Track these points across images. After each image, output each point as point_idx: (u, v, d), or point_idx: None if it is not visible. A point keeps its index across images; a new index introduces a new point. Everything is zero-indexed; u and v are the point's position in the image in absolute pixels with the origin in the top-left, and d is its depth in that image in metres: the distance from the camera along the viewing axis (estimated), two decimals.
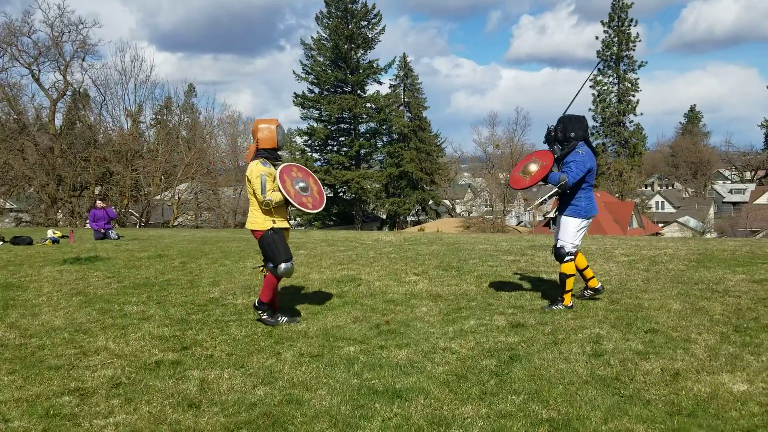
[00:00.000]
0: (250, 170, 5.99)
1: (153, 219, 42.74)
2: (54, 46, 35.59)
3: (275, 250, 6.04)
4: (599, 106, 63.90)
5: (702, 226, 64.40)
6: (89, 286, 8.42)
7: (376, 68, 56.51)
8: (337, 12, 55.79)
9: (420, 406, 4.09)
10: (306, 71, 56.14)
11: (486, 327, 5.91)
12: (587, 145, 6.37)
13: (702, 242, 11.64)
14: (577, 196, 6.34)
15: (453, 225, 53.44)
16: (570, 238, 6.37)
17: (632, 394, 4.17)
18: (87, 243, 13.72)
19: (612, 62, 64.07)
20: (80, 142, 35.85)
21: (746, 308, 6.25)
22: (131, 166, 36.64)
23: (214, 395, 4.38)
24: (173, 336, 5.88)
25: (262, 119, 6.26)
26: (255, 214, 6.10)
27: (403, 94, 61.94)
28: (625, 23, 62.90)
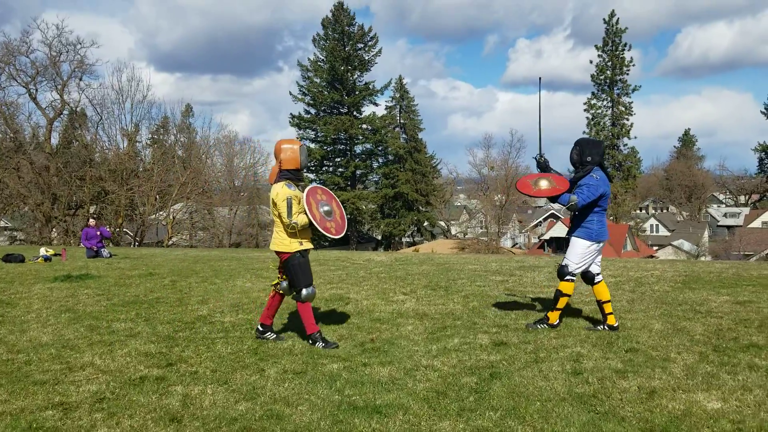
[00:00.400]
0: (276, 193, 5.94)
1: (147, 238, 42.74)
2: (51, 66, 35.84)
3: (299, 274, 6.04)
4: (593, 130, 64.29)
5: (696, 249, 64.55)
6: (79, 303, 8.46)
7: (372, 90, 56.98)
8: (334, 34, 56.37)
9: (399, 422, 4.15)
10: (303, 92, 56.58)
11: (469, 345, 5.97)
12: (602, 170, 6.45)
13: (689, 264, 11.74)
14: (589, 219, 6.40)
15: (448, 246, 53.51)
16: (576, 258, 6.41)
17: (608, 411, 4.24)
18: (79, 261, 13.77)
19: (606, 86, 64.63)
20: (76, 161, 35.98)
21: (727, 329, 6.33)
22: (126, 186, 36.75)
23: (197, 410, 4.43)
24: (159, 352, 5.92)
25: (285, 140, 6.25)
26: (281, 236, 6.05)
27: (398, 116, 62.31)
28: (619, 48, 63.54)
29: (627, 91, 64.32)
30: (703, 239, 71.67)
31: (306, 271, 6.08)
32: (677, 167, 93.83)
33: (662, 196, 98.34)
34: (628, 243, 53.90)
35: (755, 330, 6.24)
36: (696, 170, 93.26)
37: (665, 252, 64.59)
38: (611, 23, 63.92)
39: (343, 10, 56.69)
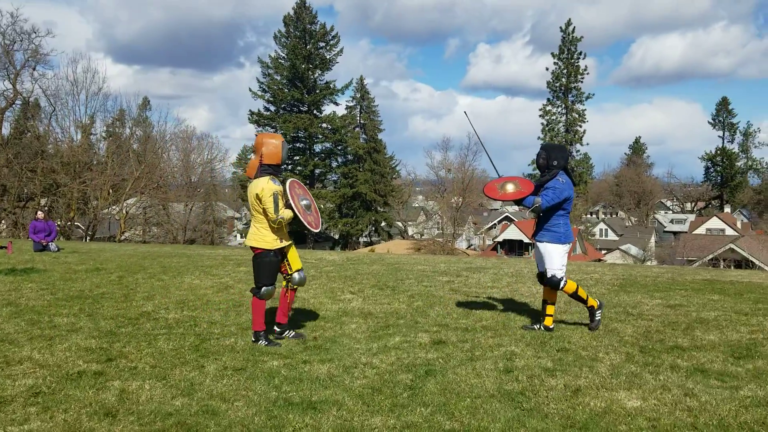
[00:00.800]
0: (261, 188, 5.87)
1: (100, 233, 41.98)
2: (4, 55, 34.95)
3: (265, 272, 6.07)
4: (548, 135, 65.42)
5: (643, 254, 66.22)
6: (21, 297, 8.36)
7: (333, 89, 56.98)
8: (295, 32, 56.19)
9: (332, 417, 4.26)
10: (263, 89, 56.27)
11: (409, 344, 6.12)
12: (567, 174, 6.64)
13: (628, 268, 12.14)
14: (555, 222, 6.58)
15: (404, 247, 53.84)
16: (557, 264, 6.56)
17: (533, 407, 4.43)
18: (25, 254, 13.52)
19: (561, 93, 65.88)
20: (27, 152, 35.14)
21: (655, 330, 6.62)
22: (79, 179, 36.04)
23: (132, 405, 4.47)
24: (100, 348, 5.92)
25: (267, 134, 6.20)
26: (263, 233, 6.02)
27: (359, 116, 62.42)
28: (574, 56, 64.81)
29: (581, 99, 65.66)
30: (649, 244, 73.49)
31: (272, 271, 6.12)
32: (627, 174, 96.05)
33: (612, 201, 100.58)
34: (577, 246, 55.01)
35: (681, 332, 6.54)
36: (645, 177, 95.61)
37: (613, 256, 66.08)
38: (567, 32, 65.15)
39: (305, 8, 56.55)
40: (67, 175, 35.33)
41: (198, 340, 6.26)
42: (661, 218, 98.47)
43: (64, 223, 37.61)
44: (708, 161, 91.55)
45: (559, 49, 65.86)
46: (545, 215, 6.66)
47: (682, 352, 5.82)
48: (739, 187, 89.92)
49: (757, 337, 6.37)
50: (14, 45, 34.60)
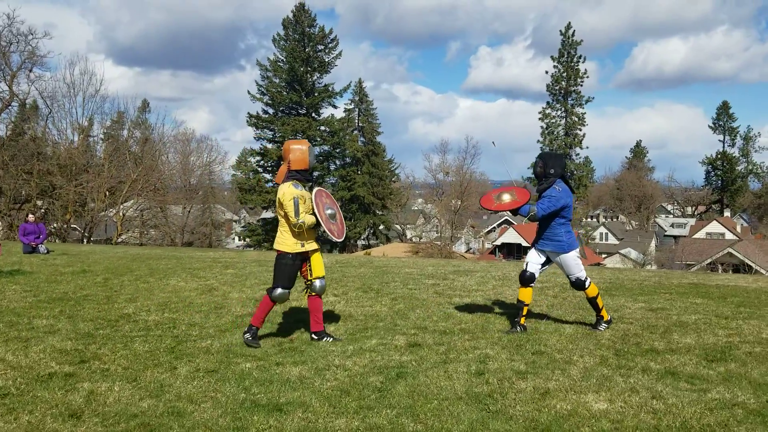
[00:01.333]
0: (282, 192, 6.04)
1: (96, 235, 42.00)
2: (0, 56, 34.98)
3: (282, 274, 6.16)
4: (547, 139, 65.40)
5: (642, 258, 66.18)
6: (3, 299, 8.36)
7: (332, 92, 56.93)
8: (294, 35, 56.18)
9: (297, 419, 4.26)
10: (261, 92, 56.20)
11: (385, 346, 6.12)
12: (565, 182, 6.65)
13: (617, 272, 12.13)
14: (556, 231, 6.59)
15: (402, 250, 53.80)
16: (577, 268, 6.62)
17: (499, 409, 4.42)
18: (14, 256, 13.53)
19: (561, 96, 65.87)
20: (23, 154, 35.16)
21: (633, 334, 6.61)
22: (75, 181, 36.07)
23: (99, 406, 4.47)
24: (75, 350, 5.92)
25: (294, 140, 6.35)
26: (285, 236, 6.16)
27: (357, 119, 62.44)
28: (574, 59, 64.79)
29: (580, 102, 65.57)
30: (650, 248, 73.46)
31: (288, 274, 6.20)
32: (628, 177, 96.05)
33: (613, 205, 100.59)
34: None
35: (659, 336, 6.53)
36: (646, 181, 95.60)
37: (613, 260, 66.03)
38: (567, 35, 65.20)
39: (304, 11, 56.56)
40: (63, 177, 35.34)
41: (174, 342, 6.27)
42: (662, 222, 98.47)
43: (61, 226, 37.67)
44: (708, 165, 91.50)
45: (558, 52, 65.86)
46: (544, 223, 6.68)
47: (656, 355, 5.82)
48: (739, 192, 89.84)
49: (734, 340, 6.36)
50: (11, 46, 34.60)
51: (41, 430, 4.06)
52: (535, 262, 6.82)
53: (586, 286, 6.68)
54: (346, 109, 61.55)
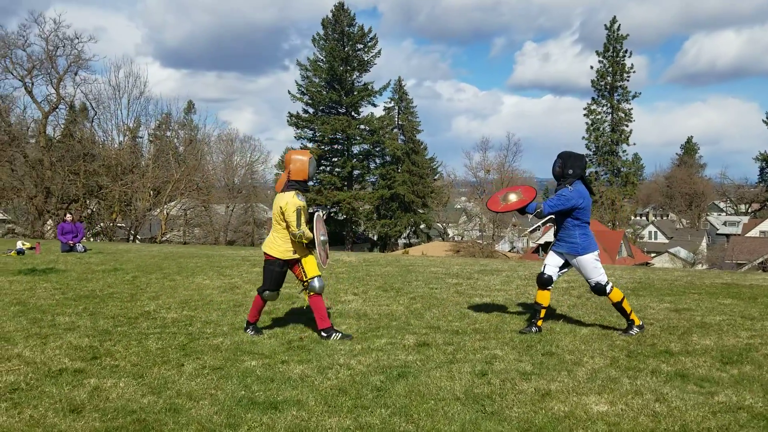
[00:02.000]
0: (286, 202, 6.17)
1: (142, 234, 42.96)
2: (48, 60, 36.10)
3: (270, 279, 6.44)
4: (593, 135, 64.43)
5: (692, 257, 64.52)
6: (33, 296, 8.61)
7: (371, 91, 57.15)
8: (333, 34, 56.57)
9: (290, 417, 4.28)
10: (301, 91, 56.78)
11: (393, 345, 6.10)
12: (584, 183, 6.50)
13: (648, 272, 11.84)
14: (570, 233, 6.45)
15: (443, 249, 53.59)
16: (596, 272, 6.45)
17: (495, 411, 4.36)
18: (52, 255, 13.94)
19: (606, 92, 64.72)
20: (70, 155, 36.20)
21: (650, 335, 6.44)
22: (120, 181, 36.99)
23: (101, 402, 4.56)
24: (90, 346, 6.06)
25: (296, 150, 6.55)
26: (278, 242, 6.34)
27: (397, 117, 62.47)
28: (620, 54, 63.62)
29: (627, 98, 64.37)
30: (700, 247, 71.59)
31: (276, 280, 6.48)
32: (678, 175, 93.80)
33: (663, 203, 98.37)
34: (623, 249, 53.93)
35: (677, 337, 6.35)
36: (697, 178, 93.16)
37: (661, 259, 64.53)
38: (612, 29, 64.03)
39: (343, 11, 56.88)
40: (108, 178, 36.28)
41: (187, 339, 6.36)
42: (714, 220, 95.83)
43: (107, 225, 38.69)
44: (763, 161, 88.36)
45: (604, 47, 64.75)
46: (560, 225, 6.55)
47: (669, 357, 5.66)
48: None
49: (755, 342, 6.15)
50: (57, 50, 35.68)
51: (41, 424, 4.16)
52: (553, 265, 6.69)
53: (608, 291, 6.46)
54: (385, 107, 61.71)
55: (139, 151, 44.54)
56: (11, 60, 35.43)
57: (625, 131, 64.44)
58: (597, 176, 64.22)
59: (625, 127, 64.53)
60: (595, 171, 64.18)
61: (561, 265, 6.67)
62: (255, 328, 6.57)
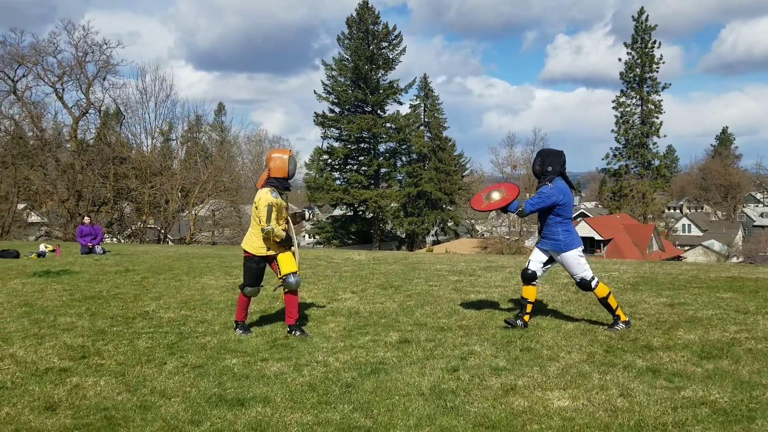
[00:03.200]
0: (259, 197, 6.40)
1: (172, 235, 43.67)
2: (77, 66, 36.95)
3: (249, 275, 6.62)
4: (622, 128, 63.49)
5: (727, 249, 63.24)
6: (41, 298, 8.88)
7: (396, 88, 57.15)
8: (358, 33, 56.71)
9: (254, 413, 4.39)
10: (327, 91, 57.05)
11: (375, 343, 6.18)
12: (564, 179, 6.54)
13: (655, 266, 11.71)
14: (553, 230, 6.48)
15: (470, 245, 53.45)
16: (580, 267, 6.47)
17: (455, 406, 4.41)
18: (71, 257, 14.31)
19: (635, 84, 63.73)
20: (100, 158, 37.00)
21: (636, 330, 6.41)
22: (150, 183, 37.68)
23: (77, 400, 4.73)
24: (81, 346, 6.25)
25: (276, 149, 6.75)
26: (253, 238, 6.56)
27: (423, 114, 62.40)
28: (648, 45, 62.59)
29: (657, 89, 63.26)
30: (735, 239, 70.15)
31: (254, 275, 6.63)
32: (713, 166, 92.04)
33: (697, 195, 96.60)
34: (654, 243, 53.11)
35: (662, 332, 6.31)
36: (732, 169, 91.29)
37: (695, 252, 63.43)
38: (640, 20, 63.03)
39: (367, 9, 56.97)
40: (137, 180, 36.99)
41: (178, 338, 6.52)
42: (750, 212, 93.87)
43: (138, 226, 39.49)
44: None
45: (632, 38, 63.80)
46: (543, 222, 6.57)
47: (648, 351, 5.64)
48: None
49: (741, 336, 6.08)
50: (86, 57, 36.48)
51: (15, 421, 4.34)
52: (537, 260, 6.71)
53: (593, 287, 6.46)
54: (411, 105, 61.61)
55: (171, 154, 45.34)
56: (42, 67, 36.45)
57: (656, 123, 63.38)
58: (627, 169, 63.34)
59: (655, 119, 63.46)
60: (625, 164, 63.31)
61: (545, 261, 6.68)
62: (243, 326, 6.71)
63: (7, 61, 35.68)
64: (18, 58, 35.70)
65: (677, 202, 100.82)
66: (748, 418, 4.07)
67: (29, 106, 36.48)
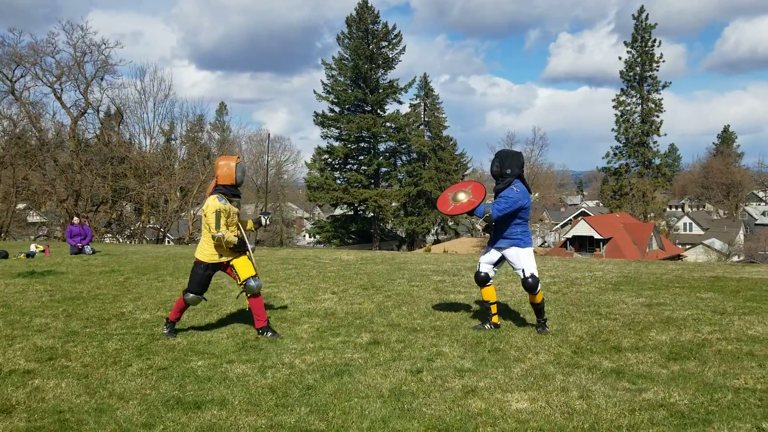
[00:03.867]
0: (207, 205, 6.37)
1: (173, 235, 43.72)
2: (76, 66, 36.98)
3: (195, 281, 6.54)
4: (622, 127, 63.34)
5: (728, 248, 63.04)
6: (21, 299, 8.85)
7: (396, 88, 57.15)
8: (357, 32, 56.69)
9: (209, 416, 4.35)
10: (327, 91, 57.05)
11: (345, 344, 6.14)
12: (522, 182, 6.52)
13: (641, 266, 11.65)
14: (513, 231, 6.47)
15: (470, 245, 53.35)
16: (532, 266, 6.46)
17: (412, 408, 4.37)
18: (58, 258, 14.30)
19: (635, 82, 63.58)
20: (98, 158, 37.04)
21: (608, 331, 6.37)
22: (148, 183, 37.71)
23: (35, 402, 4.70)
24: (51, 347, 6.22)
25: (224, 156, 6.71)
26: (205, 246, 6.51)
27: (423, 114, 62.37)
28: (648, 43, 62.42)
29: (657, 88, 63.09)
30: (737, 238, 69.92)
31: (200, 283, 6.57)
32: (714, 164, 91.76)
33: (699, 194, 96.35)
34: (653, 242, 52.96)
35: (634, 333, 6.27)
36: (734, 167, 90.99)
37: (695, 251, 63.24)
38: (640, 19, 62.86)
39: (367, 9, 56.96)
40: (136, 180, 37.01)
41: (148, 340, 6.49)
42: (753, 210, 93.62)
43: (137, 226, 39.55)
44: None
45: (632, 37, 63.63)
46: (502, 224, 6.51)
47: (616, 353, 5.60)
48: None
49: (713, 337, 6.04)
50: (85, 57, 36.50)
51: None
52: (487, 262, 6.70)
53: (537, 290, 6.42)
54: (411, 104, 61.59)
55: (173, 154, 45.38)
56: (41, 67, 36.48)
57: (656, 122, 63.21)
58: (627, 168, 63.20)
59: (655, 117, 63.28)
60: (626, 163, 63.17)
61: (495, 262, 6.65)
62: (172, 327, 6.62)
63: (5, 61, 35.75)
64: (16, 59, 35.76)
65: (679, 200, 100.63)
66: (704, 422, 4.03)
67: (28, 106, 36.52)
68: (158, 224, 41.05)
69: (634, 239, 51.07)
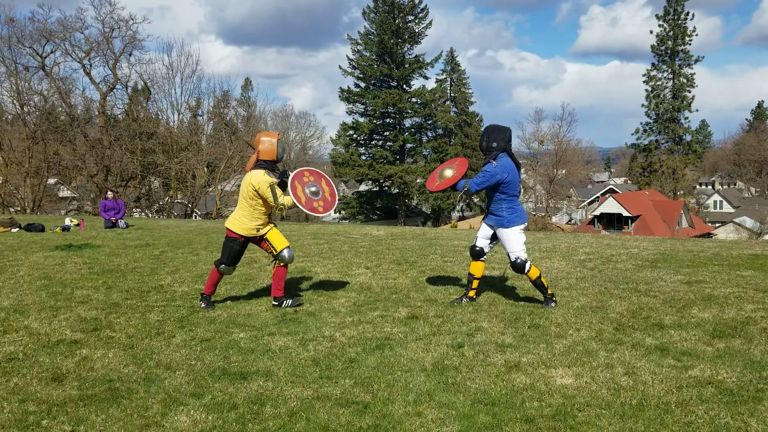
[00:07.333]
0: (258, 180, 6.41)
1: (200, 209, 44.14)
2: (104, 42, 37.22)
3: (228, 254, 6.72)
4: (653, 102, 62.35)
5: (759, 226, 61.99)
6: (61, 271, 9.02)
7: (422, 63, 56.71)
8: (384, 6, 56.18)
9: (256, 387, 4.41)
10: (352, 66, 56.79)
11: (384, 318, 6.17)
12: (509, 156, 6.46)
13: (677, 243, 11.50)
14: (497, 207, 6.43)
15: None
16: (518, 246, 6.39)
17: (456, 382, 4.39)
18: (94, 231, 14.51)
19: (667, 57, 62.39)
20: (128, 134, 37.40)
21: (649, 308, 6.31)
22: (176, 158, 38.03)
23: (84, 371, 4.79)
24: (94, 319, 6.34)
25: (265, 132, 6.82)
26: (243, 219, 6.62)
27: (449, 89, 61.87)
28: (681, 17, 61.09)
29: (689, 62, 61.88)
30: None
31: (235, 256, 6.76)
32: (747, 141, 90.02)
33: (730, 171, 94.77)
34: (683, 220, 52.30)
35: (676, 310, 6.20)
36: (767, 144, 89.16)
37: (726, 229, 62.27)
38: None
39: None
40: (164, 155, 37.34)
41: (189, 312, 6.58)
42: None
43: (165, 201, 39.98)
44: None
45: (664, 10, 62.32)
46: (489, 199, 6.50)
47: (658, 330, 5.55)
48: None
49: (756, 315, 5.95)
50: (113, 32, 36.69)
51: (23, 391, 4.41)
52: (483, 237, 6.66)
53: (527, 270, 6.37)
54: (437, 79, 61.10)
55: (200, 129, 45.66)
56: (70, 43, 36.77)
57: (687, 97, 62.13)
58: (657, 145, 62.28)
59: (687, 93, 62.19)
60: (655, 139, 62.24)
61: (491, 237, 6.61)
62: (208, 300, 6.74)
63: (35, 37, 36.07)
64: (46, 34, 36.08)
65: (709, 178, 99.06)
66: (755, 399, 3.99)
67: (57, 82, 36.90)
68: (186, 199, 41.49)
69: (663, 217, 50.48)
